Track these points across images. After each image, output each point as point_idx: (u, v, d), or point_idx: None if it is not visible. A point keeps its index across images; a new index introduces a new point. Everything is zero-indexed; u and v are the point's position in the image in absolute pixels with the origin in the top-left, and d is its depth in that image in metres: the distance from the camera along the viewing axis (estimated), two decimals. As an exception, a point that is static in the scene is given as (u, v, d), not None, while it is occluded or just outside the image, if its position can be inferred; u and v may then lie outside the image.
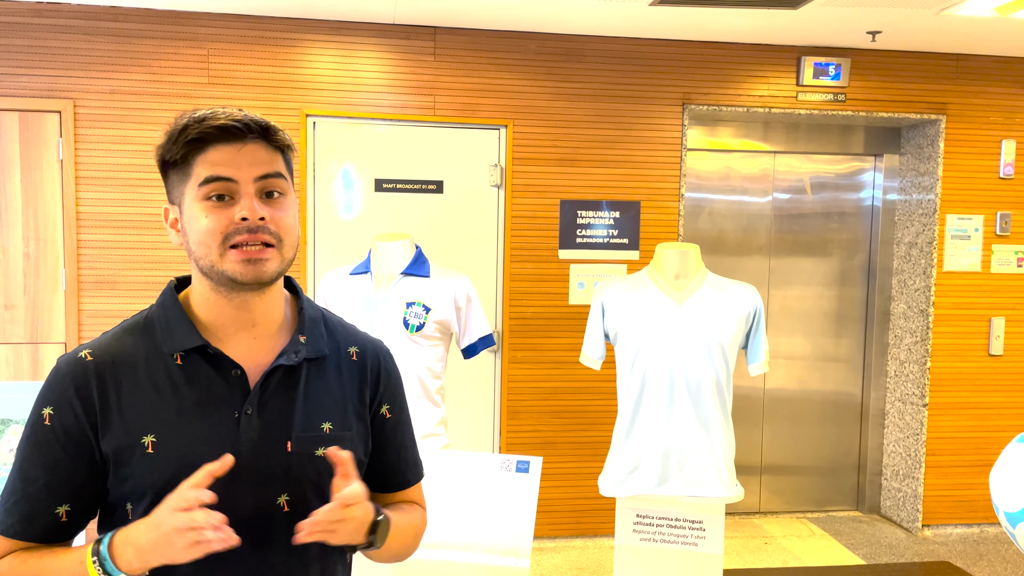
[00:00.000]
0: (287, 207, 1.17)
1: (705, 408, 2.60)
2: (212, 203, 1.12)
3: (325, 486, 1.19)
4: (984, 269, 4.50)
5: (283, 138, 1.18)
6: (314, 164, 3.99)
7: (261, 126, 1.15)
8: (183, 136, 1.13)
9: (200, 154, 1.13)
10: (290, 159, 1.22)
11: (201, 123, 1.12)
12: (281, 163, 1.18)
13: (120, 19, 3.79)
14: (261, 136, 1.15)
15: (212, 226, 1.12)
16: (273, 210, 1.15)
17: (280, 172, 1.17)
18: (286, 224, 1.16)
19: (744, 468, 4.67)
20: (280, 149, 1.18)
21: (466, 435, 4.15)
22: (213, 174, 1.12)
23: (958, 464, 4.57)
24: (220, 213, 1.12)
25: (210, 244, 1.12)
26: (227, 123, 1.12)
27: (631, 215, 4.24)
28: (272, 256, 1.14)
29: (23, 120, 3.73)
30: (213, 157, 1.13)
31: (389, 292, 2.68)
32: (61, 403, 1.13)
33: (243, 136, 1.13)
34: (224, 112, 1.14)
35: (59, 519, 1.13)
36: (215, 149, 1.13)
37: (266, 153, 1.16)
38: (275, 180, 1.16)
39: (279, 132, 1.18)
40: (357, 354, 1.30)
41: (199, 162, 1.13)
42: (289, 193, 1.19)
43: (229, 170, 1.12)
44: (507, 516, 2.08)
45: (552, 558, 4.11)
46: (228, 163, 1.12)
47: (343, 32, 3.97)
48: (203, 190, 1.12)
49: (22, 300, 3.78)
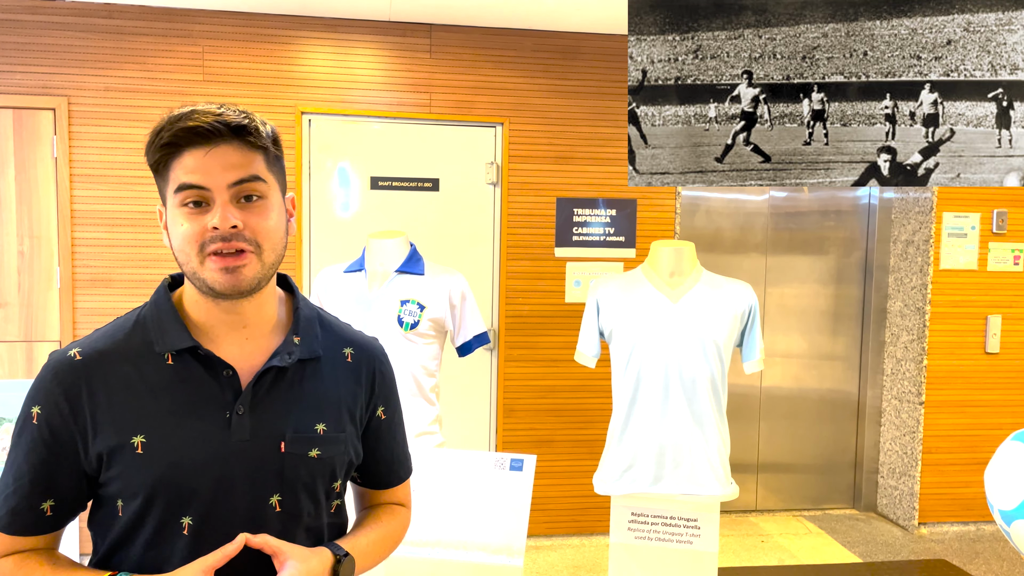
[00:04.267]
0: (266, 210, 1.14)
1: (700, 406, 2.60)
2: (189, 209, 1.11)
3: (317, 487, 1.20)
4: (981, 267, 4.50)
5: (261, 138, 1.13)
6: (309, 162, 3.98)
7: (234, 125, 1.10)
8: (158, 140, 1.10)
9: (176, 159, 1.11)
10: (277, 156, 1.18)
11: (174, 125, 1.09)
12: (260, 164, 1.14)
13: (114, 16, 3.78)
14: (235, 135, 1.11)
15: (189, 233, 1.10)
16: (249, 215, 1.12)
17: (256, 175, 1.13)
18: (264, 228, 1.13)
19: (740, 466, 4.67)
20: (260, 149, 1.14)
21: (462, 433, 4.14)
22: (185, 181, 1.10)
23: (954, 462, 4.57)
24: (196, 220, 1.10)
25: (189, 251, 1.11)
26: (198, 126, 1.08)
27: (627, 213, 4.23)
28: (250, 262, 1.12)
29: (17, 117, 3.72)
30: (187, 162, 1.10)
31: (383, 290, 2.67)
32: (48, 403, 1.13)
33: (215, 138, 1.10)
34: (203, 111, 1.10)
35: (44, 514, 1.14)
36: (189, 153, 1.10)
37: (239, 156, 1.11)
38: (251, 184, 1.12)
39: (256, 131, 1.13)
40: (352, 355, 1.30)
41: (175, 167, 1.11)
42: (270, 195, 1.15)
43: (201, 177, 1.09)
44: (501, 514, 2.07)
45: (548, 556, 4.11)
46: (200, 169, 1.09)
47: (338, 29, 3.96)
48: (178, 197, 1.11)
49: (16, 298, 3.77)
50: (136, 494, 1.11)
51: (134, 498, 1.12)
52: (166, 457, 1.11)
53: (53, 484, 1.13)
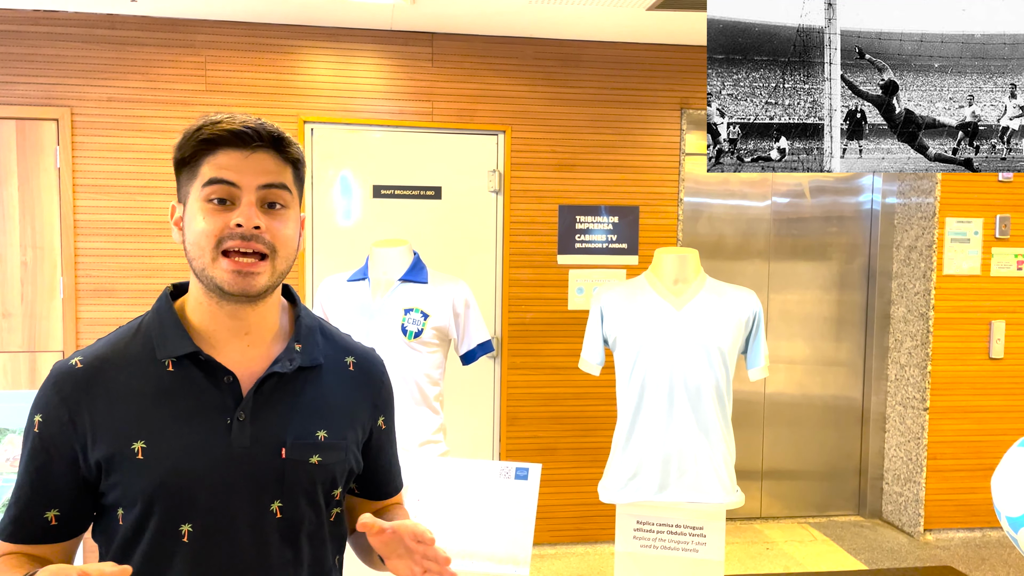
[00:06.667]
0: (287, 219, 1.17)
1: (705, 414, 2.59)
2: (213, 206, 1.13)
3: (318, 494, 1.21)
4: (984, 272, 4.49)
5: (295, 151, 1.19)
6: (312, 170, 3.98)
7: (273, 136, 1.16)
8: (196, 135, 1.14)
9: (209, 155, 1.14)
10: (301, 174, 1.22)
11: (215, 125, 1.14)
12: (289, 175, 1.18)
13: (117, 27, 3.79)
14: (272, 146, 1.16)
15: (208, 228, 1.12)
16: (271, 220, 1.15)
17: (284, 184, 1.17)
18: (282, 236, 1.16)
19: (745, 473, 4.65)
20: (291, 162, 1.19)
21: (466, 442, 4.13)
22: (217, 176, 1.13)
23: (959, 468, 4.55)
24: (218, 216, 1.13)
25: (204, 246, 1.13)
26: (239, 128, 1.13)
27: (630, 220, 4.23)
28: (263, 270, 1.14)
29: (20, 128, 3.72)
30: (221, 160, 1.13)
31: (387, 299, 2.66)
32: (49, 411, 1.14)
33: (253, 143, 1.14)
34: (242, 118, 1.15)
35: (48, 523, 1.14)
36: (224, 152, 1.14)
37: (274, 163, 1.16)
38: (278, 191, 1.16)
39: (292, 145, 1.18)
40: (354, 364, 1.31)
41: (207, 163, 1.14)
42: (292, 206, 1.19)
43: (233, 174, 1.13)
44: (506, 523, 2.06)
45: (553, 565, 4.09)
46: (233, 167, 1.13)
47: (340, 38, 3.96)
48: (206, 191, 1.13)
49: (19, 308, 3.77)
50: (136, 501, 1.11)
51: (134, 505, 1.12)
52: (166, 463, 1.11)
53: (55, 492, 1.14)
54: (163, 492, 1.11)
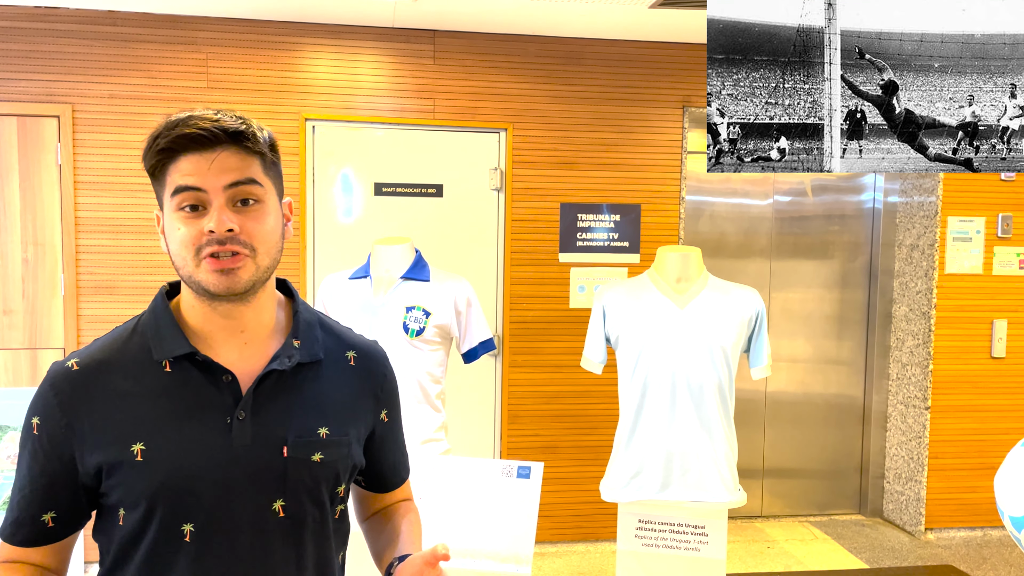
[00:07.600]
0: (262, 214, 1.14)
1: (707, 412, 2.59)
2: (186, 213, 1.11)
3: (322, 492, 1.20)
4: (986, 271, 4.49)
5: (258, 143, 1.14)
6: (313, 168, 3.98)
7: (231, 132, 1.11)
8: (155, 145, 1.11)
9: (172, 163, 1.11)
10: (274, 161, 1.19)
11: (171, 132, 1.10)
12: (257, 168, 1.14)
13: (118, 23, 3.79)
14: (233, 141, 1.12)
15: (185, 237, 1.11)
16: (245, 219, 1.12)
17: (253, 178, 1.13)
18: (260, 233, 1.14)
19: (746, 472, 4.65)
20: (257, 154, 1.14)
21: (467, 440, 4.14)
22: (183, 183, 1.10)
23: (961, 467, 4.55)
24: (192, 224, 1.11)
25: (185, 255, 1.12)
26: (196, 132, 1.09)
27: (631, 218, 4.23)
28: (245, 265, 1.12)
29: (21, 125, 3.73)
30: (183, 166, 1.10)
31: (389, 296, 2.66)
32: (45, 414, 1.14)
33: (213, 144, 1.10)
34: (201, 116, 1.11)
35: (45, 525, 1.14)
36: (186, 158, 1.10)
37: (238, 160, 1.12)
38: (247, 187, 1.12)
39: (253, 136, 1.13)
40: (355, 359, 1.29)
41: (171, 171, 1.11)
42: (266, 199, 1.15)
43: (198, 179, 1.10)
44: (508, 522, 2.06)
45: (554, 563, 4.10)
46: (198, 172, 1.10)
47: (342, 36, 3.96)
48: (175, 200, 1.11)
49: (21, 305, 3.77)
50: (137, 502, 1.11)
51: (135, 506, 1.11)
52: (166, 464, 1.11)
53: (53, 495, 1.14)
54: (164, 492, 1.10)
